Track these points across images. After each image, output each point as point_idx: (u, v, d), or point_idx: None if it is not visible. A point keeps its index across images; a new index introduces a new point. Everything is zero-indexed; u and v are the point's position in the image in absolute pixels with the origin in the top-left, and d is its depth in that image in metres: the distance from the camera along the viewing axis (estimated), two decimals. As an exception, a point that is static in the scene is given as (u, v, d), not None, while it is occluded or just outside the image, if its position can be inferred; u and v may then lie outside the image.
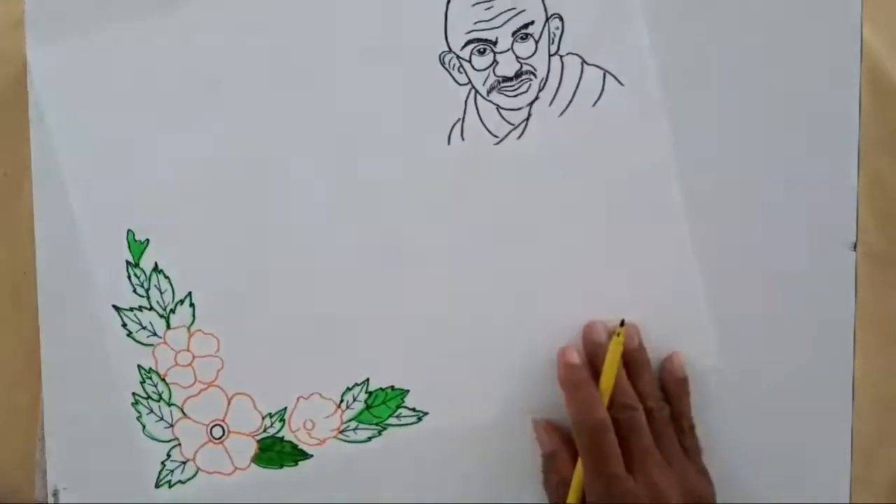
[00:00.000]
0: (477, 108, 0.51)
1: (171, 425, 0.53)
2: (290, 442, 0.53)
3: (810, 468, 0.52)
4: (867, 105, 0.50)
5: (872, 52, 0.52)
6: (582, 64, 0.51)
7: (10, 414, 0.57)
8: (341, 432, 0.53)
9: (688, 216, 0.51)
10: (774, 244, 0.51)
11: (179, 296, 0.52)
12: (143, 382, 0.53)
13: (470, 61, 0.51)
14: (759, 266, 0.51)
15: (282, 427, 0.53)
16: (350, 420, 0.53)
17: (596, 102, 0.51)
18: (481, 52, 0.50)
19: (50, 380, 0.53)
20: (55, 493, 0.53)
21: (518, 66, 0.51)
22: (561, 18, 0.50)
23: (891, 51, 0.53)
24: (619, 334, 0.49)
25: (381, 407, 0.53)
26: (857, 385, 0.51)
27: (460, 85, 0.51)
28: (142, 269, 0.52)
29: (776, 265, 0.51)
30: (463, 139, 0.51)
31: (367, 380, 0.52)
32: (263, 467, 0.53)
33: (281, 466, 0.53)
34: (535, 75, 0.51)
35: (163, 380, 0.53)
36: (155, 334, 0.53)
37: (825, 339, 0.51)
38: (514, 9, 0.50)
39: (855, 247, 0.51)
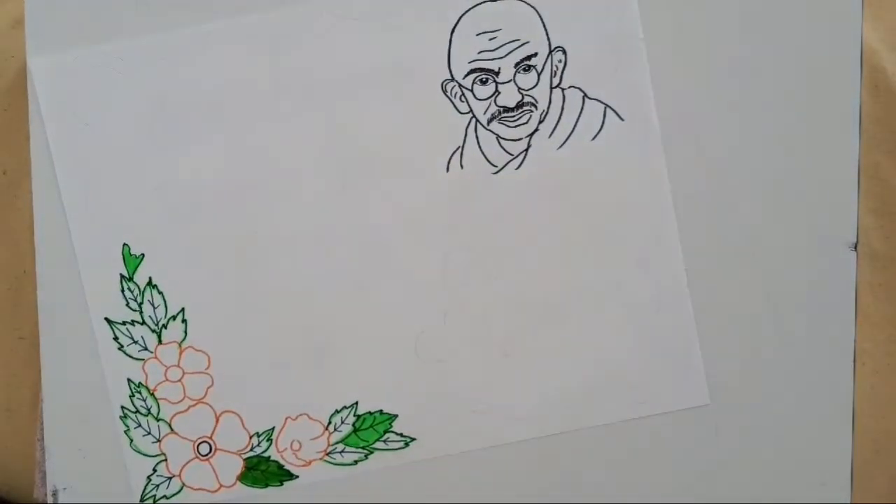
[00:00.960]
0: (477, 137, 0.51)
1: (158, 440, 0.53)
2: (276, 462, 0.53)
3: (810, 468, 0.52)
4: (867, 105, 0.51)
5: (872, 52, 0.52)
6: (583, 98, 0.51)
7: (10, 413, 0.57)
8: (328, 454, 0.53)
9: (684, 244, 0.51)
10: (774, 245, 0.51)
11: (172, 311, 0.52)
12: (132, 396, 0.53)
13: (472, 90, 0.51)
14: (759, 266, 0.51)
15: (269, 447, 0.53)
16: (337, 442, 0.53)
17: (596, 136, 0.51)
18: (483, 82, 0.50)
19: (49, 380, 0.53)
20: (55, 493, 0.53)
21: (519, 97, 0.51)
22: (564, 52, 0.50)
23: (891, 51, 0.53)
24: None
25: (368, 431, 0.53)
26: (857, 385, 0.51)
27: (461, 113, 0.51)
28: (136, 284, 0.52)
29: (776, 265, 0.51)
30: (462, 167, 0.51)
31: (356, 403, 0.53)
32: (249, 486, 0.53)
33: (266, 486, 0.53)
34: (536, 107, 0.51)
35: (152, 395, 0.53)
36: (146, 349, 0.53)
37: (825, 340, 0.51)
38: (517, 40, 0.50)
39: (855, 247, 0.51)
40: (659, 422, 0.52)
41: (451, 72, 0.51)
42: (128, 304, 0.52)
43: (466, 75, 0.50)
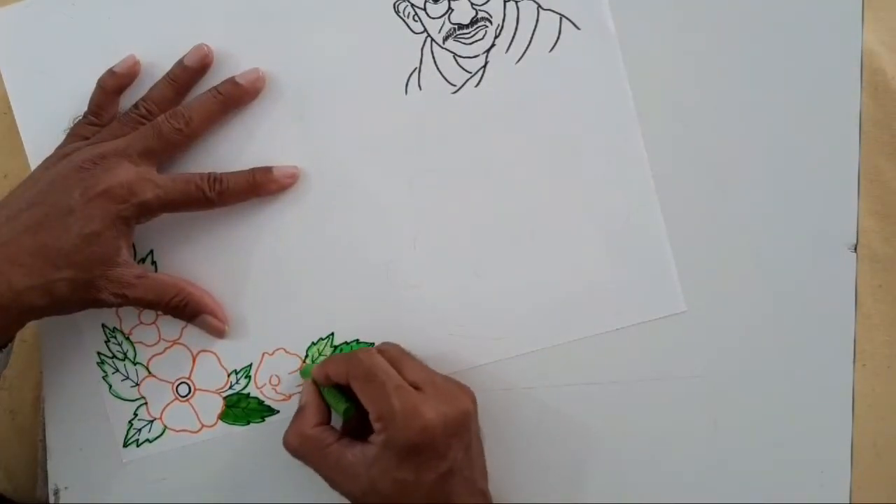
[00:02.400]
0: (434, 57, 0.51)
1: (137, 384, 0.53)
2: (256, 398, 0.53)
3: (810, 468, 0.51)
4: (867, 105, 0.50)
5: (872, 52, 0.51)
6: (538, 9, 0.50)
7: (13, 415, 0.57)
8: (307, 387, 0.53)
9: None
10: (775, 246, 0.50)
11: (141, 254, 0.52)
12: (107, 342, 0.53)
13: (425, 9, 0.50)
14: (759, 268, 0.51)
15: (248, 383, 0.53)
16: (316, 374, 0.52)
17: (553, 48, 0.50)
18: (436, 0, 0.50)
19: (50, 381, 0.53)
20: (56, 493, 0.54)
21: (473, 12, 0.50)
22: (514, -37, 0.50)
23: (891, 52, 0.52)
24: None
25: (346, 360, 0.52)
26: (856, 386, 0.51)
27: (416, 34, 0.51)
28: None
29: (776, 266, 0.50)
30: (420, 88, 0.51)
31: (332, 334, 0.52)
32: (230, 424, 0.53)
33: (247, 423, 0.53)
34: (490, 22, 0.50)
35: (127, 338, 0.53)
36: (118, 293, 0.52)
37: (825, 341, 0.51)
38: (467, -45, 0.50)
39: (855, 248, 0.50)
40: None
41: (402, -9, 0.50)
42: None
43: (418, -6, 0.50)
